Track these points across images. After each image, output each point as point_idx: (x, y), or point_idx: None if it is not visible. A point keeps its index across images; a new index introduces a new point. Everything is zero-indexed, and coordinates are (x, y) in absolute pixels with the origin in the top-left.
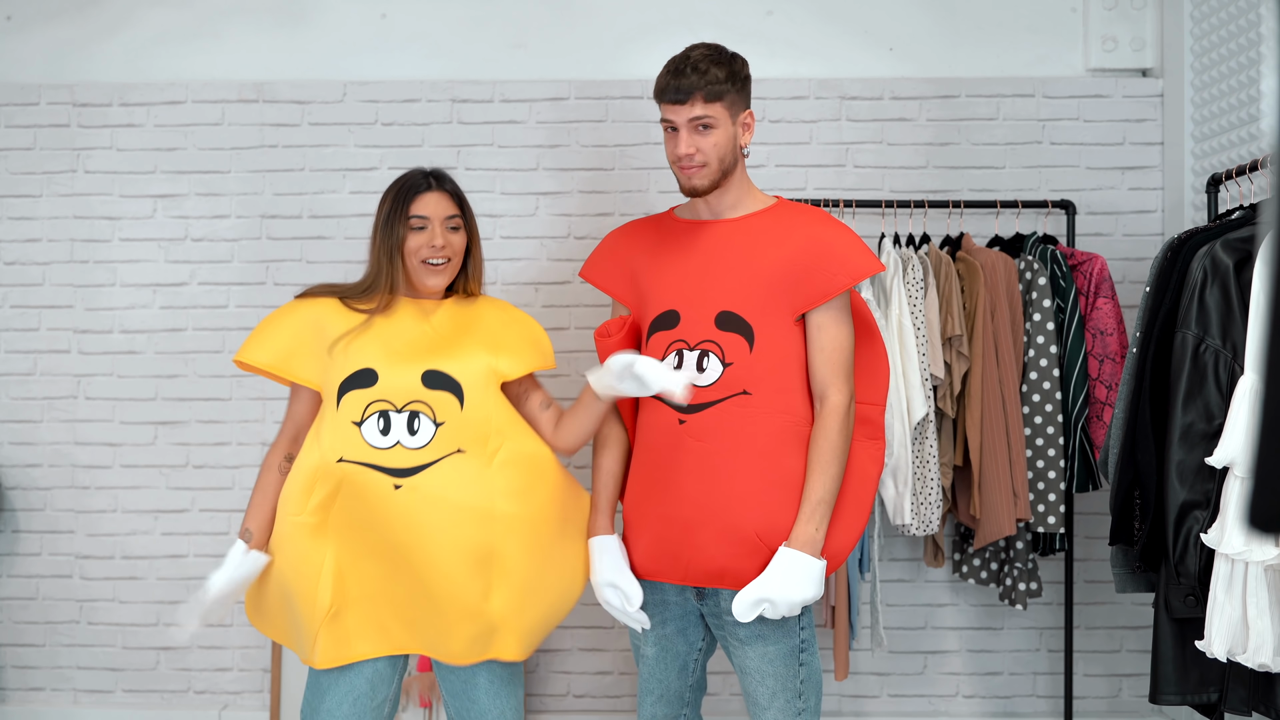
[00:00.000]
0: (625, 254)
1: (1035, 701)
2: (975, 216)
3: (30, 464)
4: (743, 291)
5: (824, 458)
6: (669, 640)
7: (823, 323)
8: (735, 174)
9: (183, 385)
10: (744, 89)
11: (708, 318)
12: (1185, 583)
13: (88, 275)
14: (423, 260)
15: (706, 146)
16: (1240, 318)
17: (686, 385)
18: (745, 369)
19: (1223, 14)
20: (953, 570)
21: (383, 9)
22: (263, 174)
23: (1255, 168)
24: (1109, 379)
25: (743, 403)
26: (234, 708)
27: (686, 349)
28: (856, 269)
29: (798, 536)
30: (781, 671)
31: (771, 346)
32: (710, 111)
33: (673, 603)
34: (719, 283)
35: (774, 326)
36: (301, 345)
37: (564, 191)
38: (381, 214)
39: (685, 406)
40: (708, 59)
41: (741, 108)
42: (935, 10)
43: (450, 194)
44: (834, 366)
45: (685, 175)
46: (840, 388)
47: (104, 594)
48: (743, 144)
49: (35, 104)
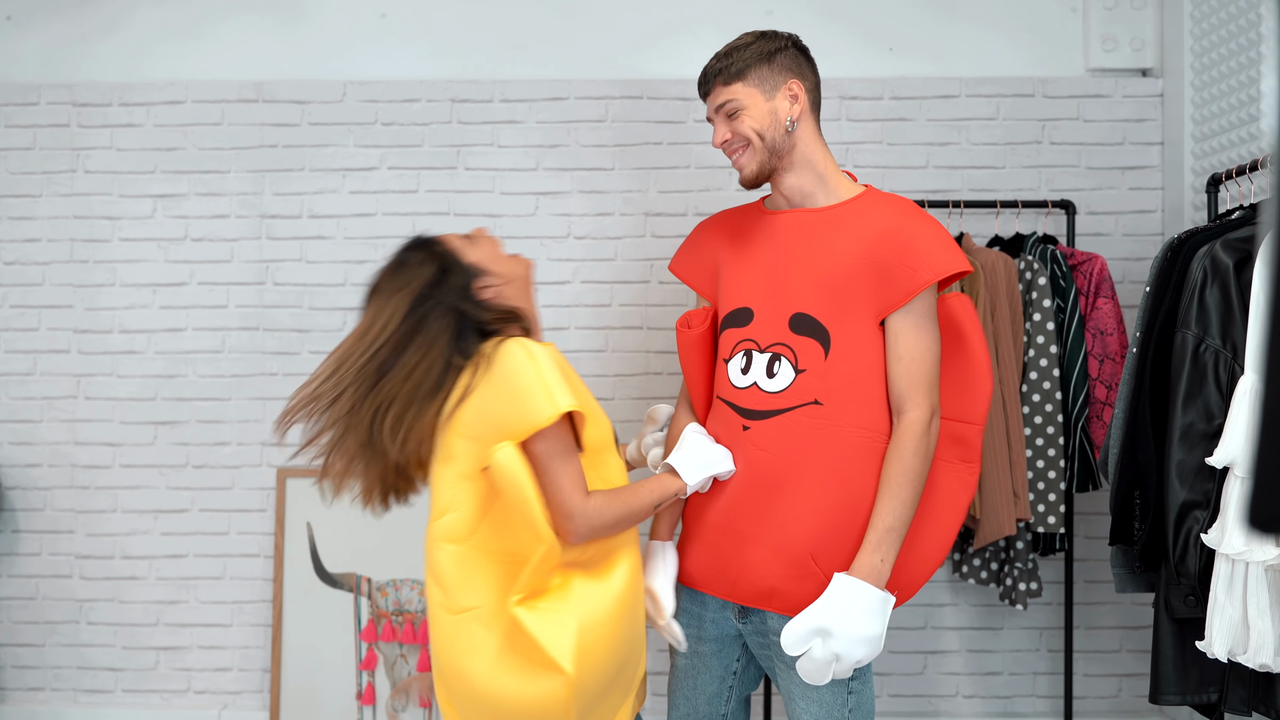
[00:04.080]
0: (710, 245)
1: (1035, 701)
2: (975, 216)
3: (30, 464)
4: (818, 291)
5: (896, 480)
6: (703, 658)
7: (902, 328)
8: (794, 154)
9: (183, 385)
10: (774, 60)
11: (781, 318)
12: (1185, 583)
13: (88, 275)
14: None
15: (741, 129)
16: (1240, 318)
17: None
18: (819, 377)
19: (1223, 14)
20: (953, 570)
21: (383, 9)
22: (263, 174)
23: (1255, 168)
24: (1109, 379)
25: (813, 413)
26: (234, 708)
27: (757, 350)
28: (939, 266)
29: (860, 565)
30: (828, 699)
31: (849, 354)
32: (731, 94)
33: (710, 619)
34: (793, 281)
35: (852, 331)
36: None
37: (564, 191)
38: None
39: (750, 411)
40: (733, 44)
41: (777, 80)
42: (935, 10)
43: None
44: (913, 378)
45: (733, 163)
46: (920, 402)
47: (104, 594)
48: (790, 117)
49: (35, 104)
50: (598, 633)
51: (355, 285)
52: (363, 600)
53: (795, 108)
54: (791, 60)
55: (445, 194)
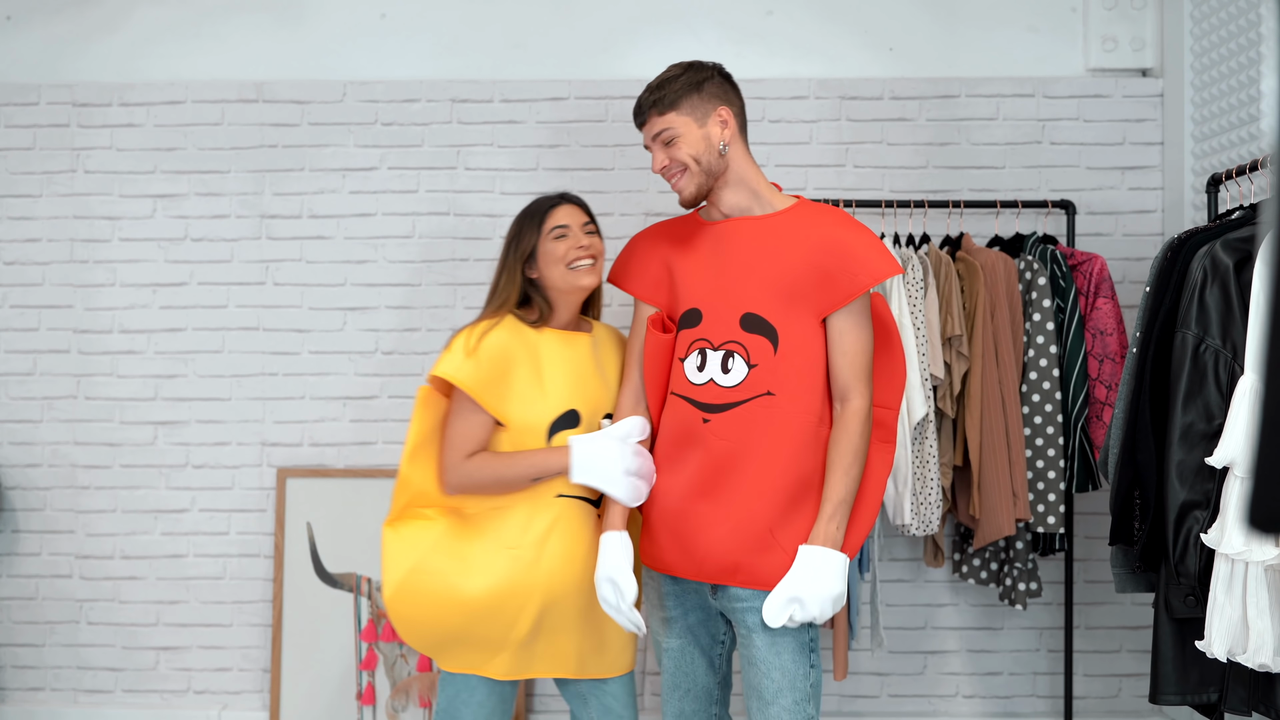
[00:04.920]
0: (655, 253)
1: (1035, 701)
2: (975, 216)
3: (30, 464)
4: (765, 293)
5: (846, 460)
6: (693, 631)
7: (844, 326)
8: (728, 174)
9: (183, 385)
10: (703, 89)
11: (732, 318)
12: (1185, 583)
13: (87, 275)
14: (570, 264)
15: (678, 155)
16: (1240, 318)
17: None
18: (770, 371)
19: (1223, 14)
20: (952, 570)
21: (382, 9)
22: (262, 174)
23: (1255, 168)
24: (1109, 379)
25: (766, 404)
26: (234, 708)
27: (710, 348)
28: (876, 271)
29: (819, 534)
30: (790, 666)
31: (795, 349)
32: (666, 123)
33: (692, 592)
34: (741, 284)
35: (797, 329)
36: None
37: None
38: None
39: (709, 405)
40: (662, 77)
41: (707, 109)
42: (935, 10)
43: (579, 205)
44: (855, 370)
45: (673, 186)
46: (862, 391)
47: (104, 594)
48: (722, 141)
49: (35, 104)
50: (425, 580)
51: (355, 285)
52: (363, 600)
53: (726, 132)
54: (718, 88)
55: (445, 194)
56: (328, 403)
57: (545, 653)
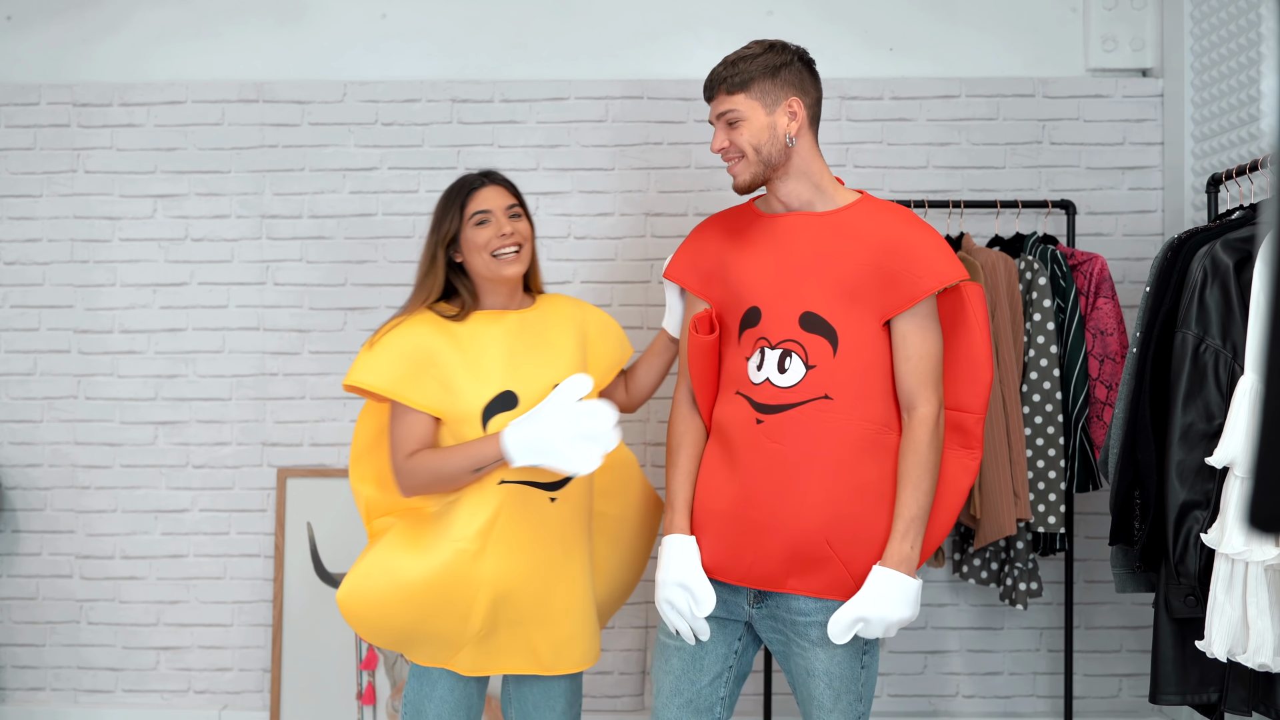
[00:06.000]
0: (711, 247)
1: (1035, 701)
2: (975, 216)
3: (30, 464)
4: (826, 293)
5: (915, 473)
6: (709, 640)
7: (908, 330)
8: (788, 166)
9: (183, 385)
10: (778, 75)
11: (790, 317)
12: (1185, 583)
13: (88, 275)
14: (493, 253)
15: (739, 140)
16: (1240, 318)
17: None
18: (828, 373)
19: (1223, 14)
20: (953, 570)
21: (383, 9)
22: (263, 174)
23: (1255, 168)
24: (1109, 379)
25: (823, 407)
26: (234, 708)
27: (768, 347)
28: (941, 274)
29: (892, 555)
30: (846, 673)
31: (856, 351)
32: (733, 104)
33: (720, 601)
34: (801, 282)
35: (858, 331)
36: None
37: (564, 191)
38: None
39: (764, 406)
40: (740, 53)
41: (778, 96)
42: (935, 10)
43: (505, 185)
44: (921, 376)
45: (728, 169)
46: (928, 398)
47: (104, 594)
48: (788, 133)
49: (35, 104)
50: (372, 579)
51: (355, 285)
52: None
53: (794, 124)
54: (795, 76)
55: None
56: (328, 403)
57: (509, 647)
